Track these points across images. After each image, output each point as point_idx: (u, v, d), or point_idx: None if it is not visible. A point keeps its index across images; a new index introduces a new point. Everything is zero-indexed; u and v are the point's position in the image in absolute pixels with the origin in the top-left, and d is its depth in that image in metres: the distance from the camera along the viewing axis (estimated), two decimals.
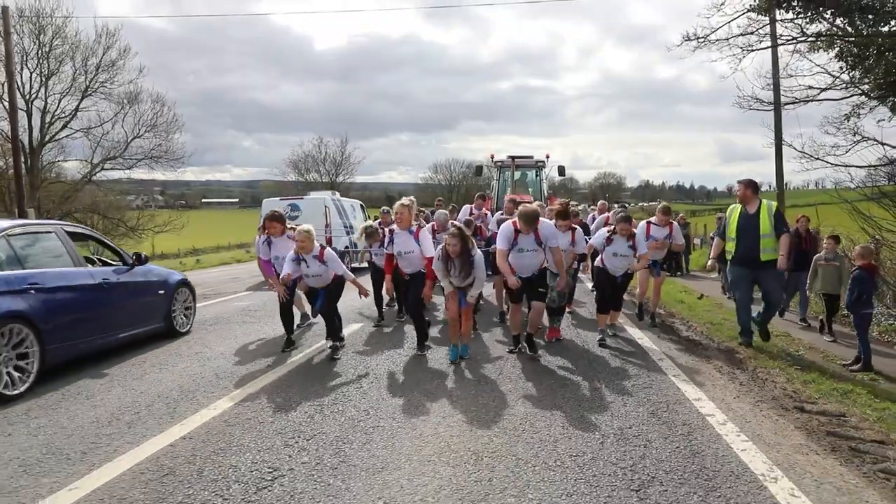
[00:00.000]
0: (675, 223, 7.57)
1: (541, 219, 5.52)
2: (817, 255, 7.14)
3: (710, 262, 7.67)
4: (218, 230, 41.93)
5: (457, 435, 3.68)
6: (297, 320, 7.18)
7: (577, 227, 6.57)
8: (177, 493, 2.93)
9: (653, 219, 7.48)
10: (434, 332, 7.02)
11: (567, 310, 8.07)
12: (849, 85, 8.84)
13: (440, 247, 5.54)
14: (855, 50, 8.34)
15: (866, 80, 8.60)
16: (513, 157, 16.55)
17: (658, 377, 5.01)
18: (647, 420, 3.93)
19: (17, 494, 2.96)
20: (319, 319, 6.57)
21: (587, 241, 6.98)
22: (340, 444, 3.54)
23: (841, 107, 9.23)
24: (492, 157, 16.89)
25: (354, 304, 8.08)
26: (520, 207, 5.57)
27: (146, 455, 3.40)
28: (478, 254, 5.49)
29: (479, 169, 20.10)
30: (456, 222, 6.33)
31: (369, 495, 2.89)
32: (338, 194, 16.62)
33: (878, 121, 8.72)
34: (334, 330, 5.90)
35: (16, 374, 4.66)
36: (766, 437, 3.64)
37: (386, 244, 6.10)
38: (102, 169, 26.84)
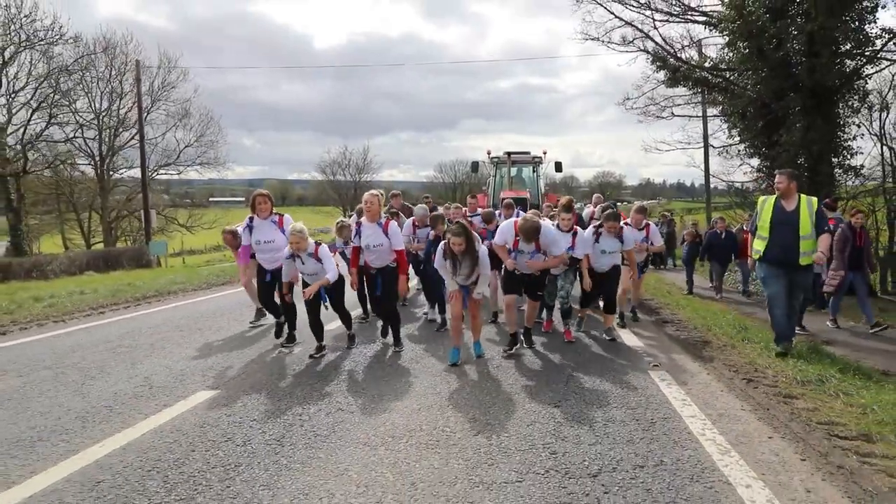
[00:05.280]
0: (653, 224, 7.18)
1: (542, 227, 5.24)
2: None
3: (750, 261, 5.92)
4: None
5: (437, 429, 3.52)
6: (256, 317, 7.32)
7: (578, 229, 6.12)
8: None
9: (627, 220, 6.83)
10: (413, 329, 6.85)
11: (579, 315, 7.06)
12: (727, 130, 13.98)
13: (441, 244, 5.22)
14: (728, 110, 13.18)
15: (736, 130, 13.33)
16: (509, 153, 16.08)
17: (642, 377, 4.80)
18: (624, 416, 3.74)
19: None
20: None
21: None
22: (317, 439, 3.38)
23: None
24: (488, 153, 16.48)
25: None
26: (520, 222, 5.21)
27: None
28: (482, 249, 5.20)
29: (475, 165, 19.47)
30: (460, 220, 5.97)
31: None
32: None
33: (732, 157, 13.87)
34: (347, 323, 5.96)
35: None
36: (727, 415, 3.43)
37: (353, 236, 5.81)
38: (157, 174, 30.37)
